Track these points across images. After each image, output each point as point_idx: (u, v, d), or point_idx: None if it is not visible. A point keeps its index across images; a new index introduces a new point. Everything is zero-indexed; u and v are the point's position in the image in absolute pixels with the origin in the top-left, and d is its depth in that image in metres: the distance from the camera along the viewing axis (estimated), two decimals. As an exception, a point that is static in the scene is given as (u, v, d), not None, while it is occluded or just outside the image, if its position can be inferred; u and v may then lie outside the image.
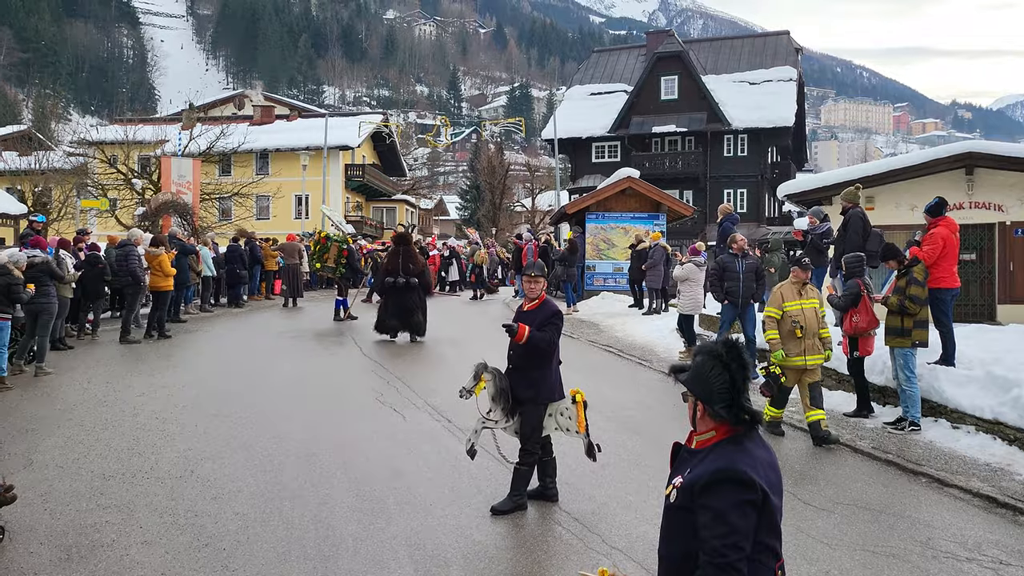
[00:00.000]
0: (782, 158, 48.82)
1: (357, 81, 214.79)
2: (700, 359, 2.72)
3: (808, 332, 8.10)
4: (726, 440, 2.63)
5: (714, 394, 2.64)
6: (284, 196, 42.62)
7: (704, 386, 2.66)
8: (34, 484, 6.36)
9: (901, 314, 8.42)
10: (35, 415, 8.69)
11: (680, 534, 2.60)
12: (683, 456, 2.78)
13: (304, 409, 9.05)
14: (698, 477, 2.54)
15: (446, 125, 44.35)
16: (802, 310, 8.18)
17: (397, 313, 14.32)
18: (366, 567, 5.03)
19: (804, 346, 8.11)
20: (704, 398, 2.66)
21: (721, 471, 2.50)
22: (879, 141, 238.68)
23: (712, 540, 2.44)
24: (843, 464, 7.43)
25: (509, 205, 62.83)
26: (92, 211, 31.22)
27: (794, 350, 8.13)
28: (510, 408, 6.11)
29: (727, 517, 2.45)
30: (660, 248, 17.63)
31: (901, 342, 8.44)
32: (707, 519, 2.47)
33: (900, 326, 8.45)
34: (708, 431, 2.68)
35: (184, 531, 5.55)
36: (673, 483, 2.68)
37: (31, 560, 5.08)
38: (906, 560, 5.28)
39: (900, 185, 13.52)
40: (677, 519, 2.61)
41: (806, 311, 8.19)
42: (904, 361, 8.41)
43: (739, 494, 2.47)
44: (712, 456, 2.59)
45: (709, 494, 2.49)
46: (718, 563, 2.42)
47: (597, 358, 13.22)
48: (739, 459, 2.54)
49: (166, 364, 11.84)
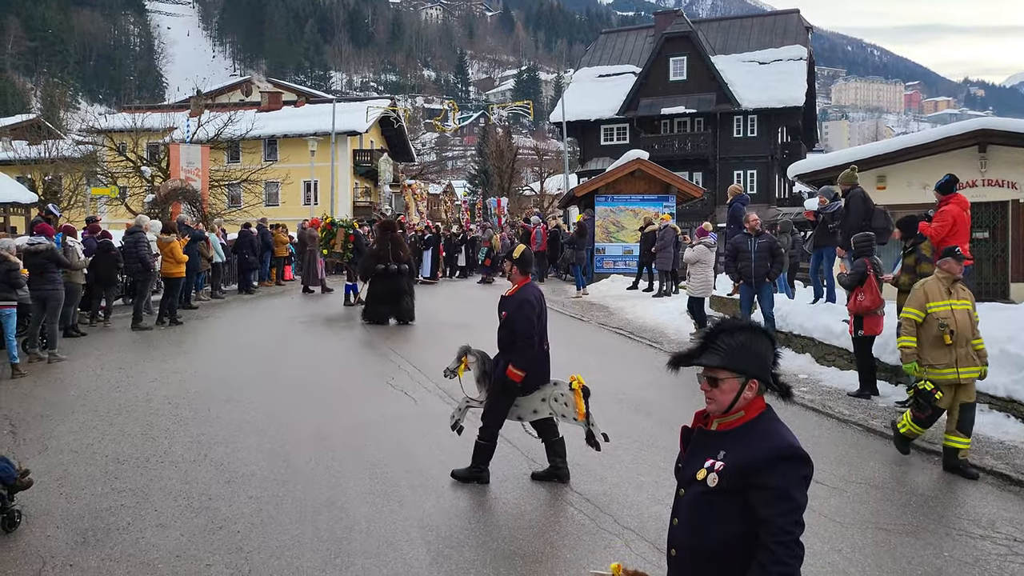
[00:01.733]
0: (792, 138, 48.48)
1: (364, 66, 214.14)
2: (741, 337, 2.63)
3: (960, 339, 6.65)
4: (760, 418, 2.60)
5: (767, 366, 2.63)
6: (293, 182, 42.55)
7: (760, 361, 2.62)
8: (50, 469, 6.41)
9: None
10: (49, 401, 8.75)
11: (720, 519, 2.52)
12: (701, 440, 2.69)
13: (316, 393, 9.09)
14: (752, 460, 2.48)
15: (454, 109, 44.17)
16: (952, 312, 6.70)
17: (387, 299, 14.46)
18: (379, 548, 5.06)
19: (955, 356, 6.62)
20: (762, 373, 2.61)
21: (781, 449, 2.49)
22: (890, 120, 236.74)
23: (777, 519, 2.41)
24: (855, 443, 7.42)
25: (518, 189, 62.72)
26: (102, 199, 31.30)
27: (942, 360, 6.66)
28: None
29: (791, 494, 2.43)
30: (670, 229, 17.60)
31: None
32: (768, 498, 2.43)
33: None
34: (737, 411, 2.61)
35: (198, 514, 5.59)
36: (703, 467, 2.57)
37: (48, 543, 5.13)
38: (919, 537, 5.28)
39: (912, 164, 13.41)
40: (720, 503, 2.52)
41: (957, 313, 6.71)
42: None
43: (799, 470, 2.48)
44: (755, 436, 2.54)
45: (770, 473, 2.45)
46: (785, 540, 2.40)
47: (607, 340, 13.22)
48: (787, 435, 2.54)
49: (178, 350, 11.90)
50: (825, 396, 8.96)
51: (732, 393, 2.61)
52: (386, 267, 14.46)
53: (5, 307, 10.01)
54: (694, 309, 13.01)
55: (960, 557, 4.99)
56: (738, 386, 2.60)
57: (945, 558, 4.98)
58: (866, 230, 9.64)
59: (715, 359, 2.62)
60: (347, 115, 42.78)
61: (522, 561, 4.89)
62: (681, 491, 2.69)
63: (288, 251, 24.08)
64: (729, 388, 2.61)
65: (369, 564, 4.84)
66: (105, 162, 33.92)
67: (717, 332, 2.68)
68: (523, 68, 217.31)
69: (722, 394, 2.62)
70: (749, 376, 2.60)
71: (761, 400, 2.64)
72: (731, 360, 2.61)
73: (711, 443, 2.64)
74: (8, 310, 10.05)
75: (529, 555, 4.98)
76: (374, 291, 14.64)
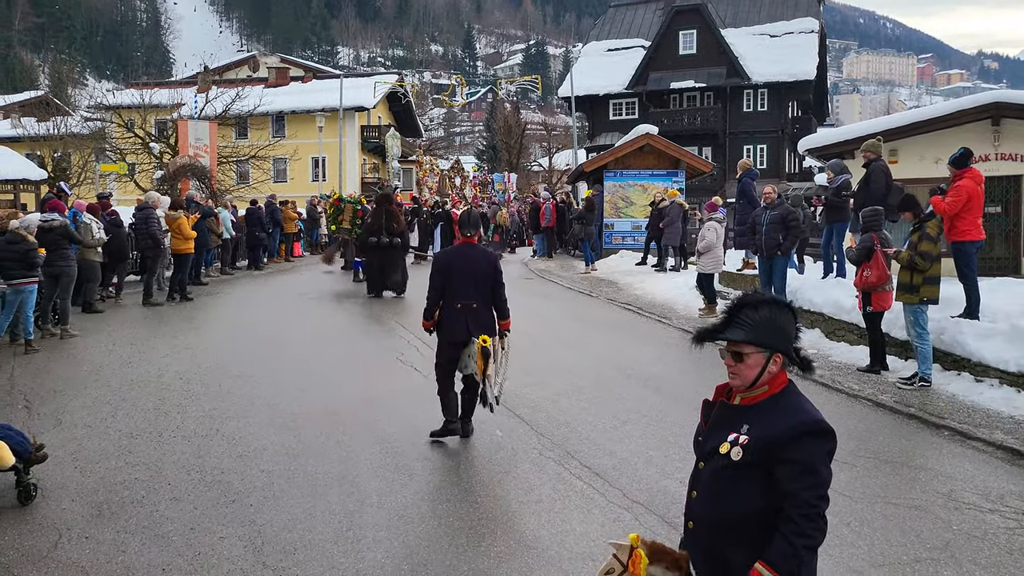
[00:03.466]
0: (803, 112, 48.01)
1: (371, 41, 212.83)
2: (765, 311, 2.63)
3: None
4: (784, 392, 2.61)
5: (791, 340, 2.64)
6: (301, 159, 42.47)
7: (785, 336, 2.62)
8: (64, 443, 6.48)
9: (911, 270, 8.21)
10: (62, 376, 8.83)
11: (741, 493, 2.53)
12: (723, 414, 2.69)
13: (326, 369, 9.14)
14: (777, 434, 2.49)
15: (461, 84, 43.82)
16: None
17: (381, 271, 14.80)
18: (391, 522, 5.10)
19: None
20: (786, 348, 2.62)
21: (807, 424, 2.50)
22: (902, 94, 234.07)
23: (802, 492, 2.43)
24: (864, 418, 7.42)
25: (526, 164, 62.49)
26: (111, 175, 31.35)
27: None
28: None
29: (816, 468, 2.45)
30: (676, 205, 17.62)
31: (910, 298, 8.25)
32: (794, 472, 2.45)
33: (910, 282, 8.22)
34: (761, 386, 2.61)
35: (211, 488, 5.65)
36: (727, 441, 2.57)
37: (64, 516, 5.19)
38: (928, 511, 5.29)
39: (924, 138, 13.26)
40: (743, 476, 2.52)
41: None
42: (914, 317, 8.27)
43: (825, 444, 2.50)
44: (780, 410, 2.55)
45: (796, 448, 2.46)
46: (810, 514, 2.42)
47: (616, 316, 13.22)
48: (812, 410, 2.55)
49: (188, 326, 11.96)
50: (834, 371, 8.95)
51: (757, 368, 2.60)
52: (378, 240, 14.68)
53: (25, 284, 10.09)
54: (704, 285, 12.98)
55: (968, 531, 5.00)
56: (763, 361, 2.60)
57: (954, 532, 5.00)
58: (879, 204, 9.56)
59: (740, 334, 2.61)
60: (355, 91, 42.61)
61: (532, 535, 4.93)
62: (700, 464, 2.69)
63: (297, 227, 24.11)
64: (754, 363, 2.61)
65: (380, 537, 4.88)
66: (114, 139, 33.94)
67: (741, 306, 2.66)
68: (531, 42, 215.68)
69: (747, 369, 2.61)
70: (774, 351, 2.60)
71: (784, 374, 2.64)
72: (756, 335, 2.60)
73: (734, 417, 2.64)
74: (29, 287, 10.13)
75: (539, 529, 5.02)
76: (369, 263, 15.03)
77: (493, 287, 6.63)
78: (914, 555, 4.70)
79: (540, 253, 23.66)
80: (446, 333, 6.62)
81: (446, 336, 6.63)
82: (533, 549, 4.75)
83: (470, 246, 6.80)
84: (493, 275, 6.64)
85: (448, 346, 6.63)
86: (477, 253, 6.76)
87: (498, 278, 6.68)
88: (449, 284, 6.56)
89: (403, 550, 4.74)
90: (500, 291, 6.67)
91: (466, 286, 6.55)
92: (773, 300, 2.68)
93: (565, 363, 9.48)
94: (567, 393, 8.10)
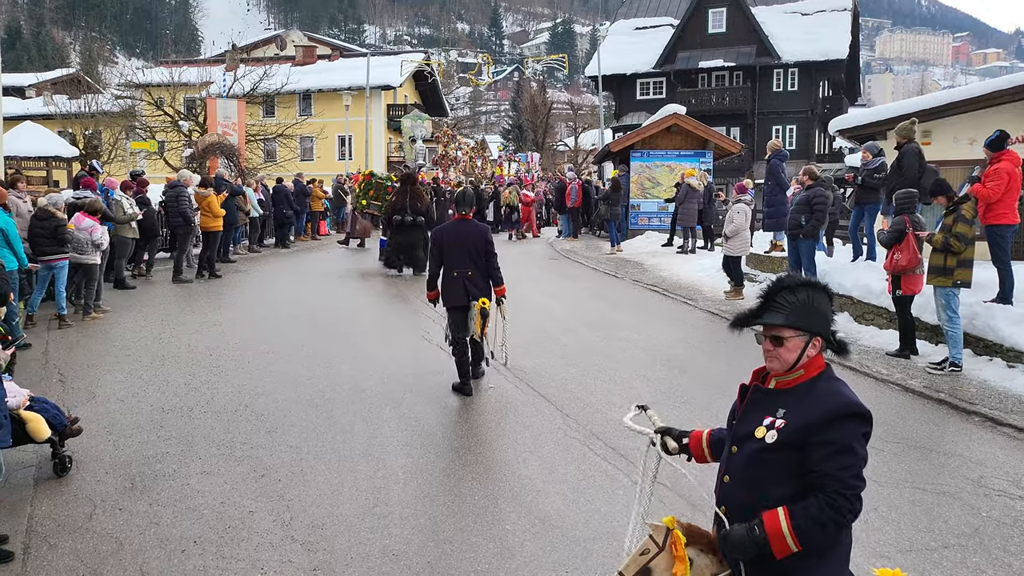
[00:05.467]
0: (834, 92, 47.27)
1: (397, 19, 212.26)
2: (803, 295, 2.59)
3: None
4: (821, 376, 2.58)
5: (829, 324, 2.61)
6: (328, 137, 42.58)
7: (824, 320, 2.59)
8: (98, 417, 6.60)
9: (945, 252, 8.09)
10: (95, 351, 8.98)
11: (775, 477, 2.52)
12: (758, 397, 2.66)
13: (352, 347, 9.21)
14: (813, 418, 2.46)
15: (488, 63, 43.56)
16: None
17: (402, 249, 15.03)
18: (416, 500, 5.16)
19: None
20: (825, 331, 2.59)
21: (842, 407, 2.47)
22: (937, 73, 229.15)
23: (838, 472, 2.41)
24: (893, 403, 7.35)
25: (552, 144, 62.18)
26: (141, 153, 31.64)
27: None
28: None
29: (853, 449, 2.44)
30: (685, 186, 17.79)
31: (943, 281, 8.15)
32: (830, 452, 2.43)
33: (943, 265, 8.12)
34: (797, 370, 2.58)
35: (241, 463, 5.74)
36: (762, 425, 2.56)
37: (99, 488, 5.31)
38: (957, 497, 5.25)
39: (959, 119, 13.00)
40: (778, 460, 2.52)
41: None
42: (946, 301, 8.16)
43: (861, 427, 2.47)
44: (816, 394, 2.53)
45: (833, 429, 2.44)
46: (848, 494, 2.40)
47: (642, 297, 13.18)
48: (848, 393, 2.53)
49: (217, 303, 12.10)
50: (863, 355, 8.87)
51: (796, 352, 2.57)
52: (402, 219, 14.90)
53: (57, 260, 10.25)
54: (730, 267, 12.88)
55: (998, 518, 4.96)
56: (802, 344, 2.57)
57: (983, 518, 4.95)
58: (912, 187, 9.41)
59: (779, 318, 2.58)
60: (381, 69, 42.59)
61: (556, 514, 4.97)
62: (733, 448, 2.66)
63: (324, 206, 24.22)
64: (794, 347, 2.57)
65: (407, 513, 4.94)
66: (144, 117, 34.21)
67: (778, 289, 2.62)
68: (558, 20, 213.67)
69: (787, 352, 2.58)
70: (813, 334, 2.57)
71: (820, 358, 2.61)
72: (795, 318, 2.57)
73: (769, 401, 2.61)
74: (60, 263, 10.30)
75: (563, 508, 5.05)
76: (393, 241, 15.29)
77: (486, 257, 7.48)
78: (942, 541, 4.67)
79: (565, 233, 23.59)
80: (448, 299, 7.50)
81: (448, 302, 7.50)
82: (557, 528, 4.78)
83: (464, 221, 7.67)
84: (485, 246, 7.49)
85: (452, 311, 7.50)
86: (470, 227, 7.63)
87: (490, 249, 7.52)
88: (447, 256, 7.45)
89: (429, 526, 4.79)
90: (493, 260, 7.53)
91: (462, 257, 7.42)
92: (810, 283, 2.63)
93: (590, 343, 9.48)
94: (592, 373, 8.10)
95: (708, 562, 2.64)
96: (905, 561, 4.43)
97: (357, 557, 4.44)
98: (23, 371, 7.58)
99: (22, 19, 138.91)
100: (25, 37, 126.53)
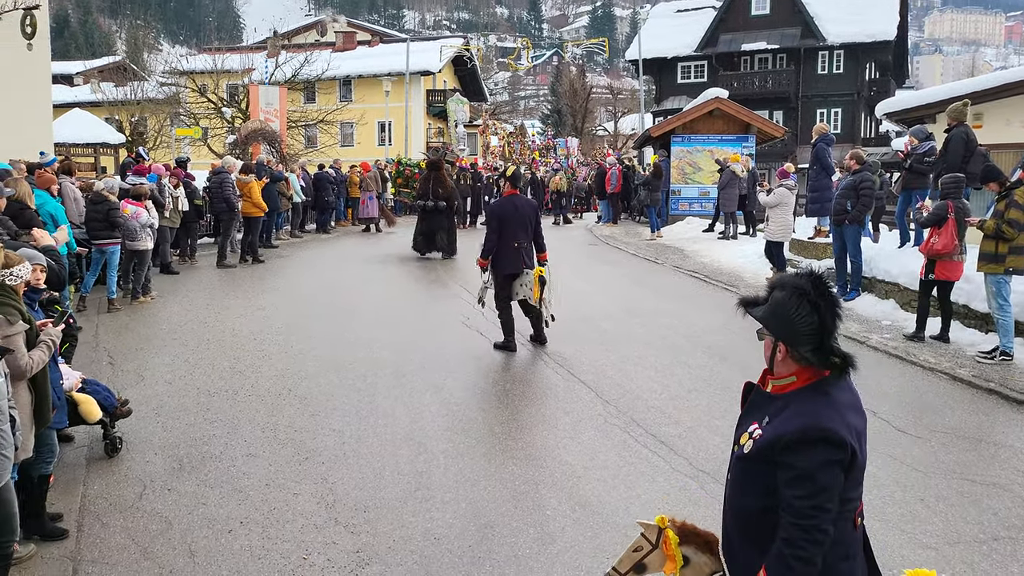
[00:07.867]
0: (881, 74, 46.16)
1: (436, 4, 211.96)
2: (780, 295, 2.38)
3: None
4: (809, 387, 2.35)
5: (799, 336, 2.32)
6: (368, 123, 42.80)
7: (787, 326, 2.34)
8: (146, 399, 6.76)
9: (997, 239, 7.86)
10: (143, 335, 9.18)
11: (753, 487, 2.38)
12: (756, 400, 2.51)
13: (393, 331, 9.28)
14: (781, 434, 2.28)
15: (527, 47, 43.29)
16: None
17: (425, 232, 15.51)
18: (458, 484, 5.20)
19: None
20: (787, 339, 2.35)
21: (809, 429, 2.24)
22: (988, 54, 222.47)
23: (796, 501, 2.22)
24: (941, 392, 7.21)
25: (591, 129, 61.80)
26: (185, 139, 32.15)
27: None
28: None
29: (814, 477, 2.22)
30: (728, 172, 17.55)
31: (994, 268, 7.93)
32: (791, 477, 2.24)
33: (994, 251, 7.89)
34: (788, 376, 2.39)
35: (285, 445, 5.84)
36: (748, 431, 2.42)
37: (148, 468, 5.44)
38: (1007, 489, 5.14)
39: (1012, 101, 12.63)
40: (751, 471, 2.38)
41: None
42: (997, 288, 7.95)
43: (827, 454, 2.23)
44: (794, 407, 2.32)
45: (794, 453, 2.24)
46: (803, 525, 2.21)
47: (683, 283, 13.07)
48: (824, 414, 2.27)
49: (261, 288, 12.27)
50: (909, 344, 8.71)
51: (768, 351, 2.45)
52: (424, 204, 15.37)
53: (109, 244, 10.48)
54: (773, 253, 12.72)
55: (1050, 511, 4.85)
56: (771, 346, 2.43)
57: (1033, 511, 4.85)
58: (958, 172, 9.18)
59: (757, 311, 2.44)
60: (420, 54, 42.63)
61: (597, 500, 4.97)
62: (734, 447, 2.55)
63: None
64: (767, 346, 2.46)
65: (448, 498, 4.98)
66: (188, 103, 34.72)
67: (775, 284, 2.47)
68: (598, 3, 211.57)
69: (766, 350, 2.48)
70: (777, 339, 2.39)
71: (812, 369, 2.37)
72: (764, 315, 2.41)
73: (762, 406, 2.46)
74: (112, 247, 10.52)
75: (604, 495, 5.05)
76: (419, 226, 15.76)
77: (535, 227, 8.41)
78: (991, 533, 4.58)
79: (605, 219, 23.47)
80: (504, 267, 8.28)
81: (504, 269, 8.28)
82: (598, 514, 4.79)
83: (518, 196, 8.57)
84: (535, 218, 8.49)
85: (505, 278, 8.30)
86: (523, 202, 8.57)
87: (539, 219, 8.56)
88: (505, 228, 8.24)
89: (470, 511, 4.83)
90: (540, 230, 8.50)
91: (517, 230, 8.27)
92: (793, 285, 2.38)
93: (630, 330, 9.44)
94: (632, 360, 8.08)
95: (706, 560, 2.69)
96: (953, 553, 4.36)
97: (400, 540, 4.49)
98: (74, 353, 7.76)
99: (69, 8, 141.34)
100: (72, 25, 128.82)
